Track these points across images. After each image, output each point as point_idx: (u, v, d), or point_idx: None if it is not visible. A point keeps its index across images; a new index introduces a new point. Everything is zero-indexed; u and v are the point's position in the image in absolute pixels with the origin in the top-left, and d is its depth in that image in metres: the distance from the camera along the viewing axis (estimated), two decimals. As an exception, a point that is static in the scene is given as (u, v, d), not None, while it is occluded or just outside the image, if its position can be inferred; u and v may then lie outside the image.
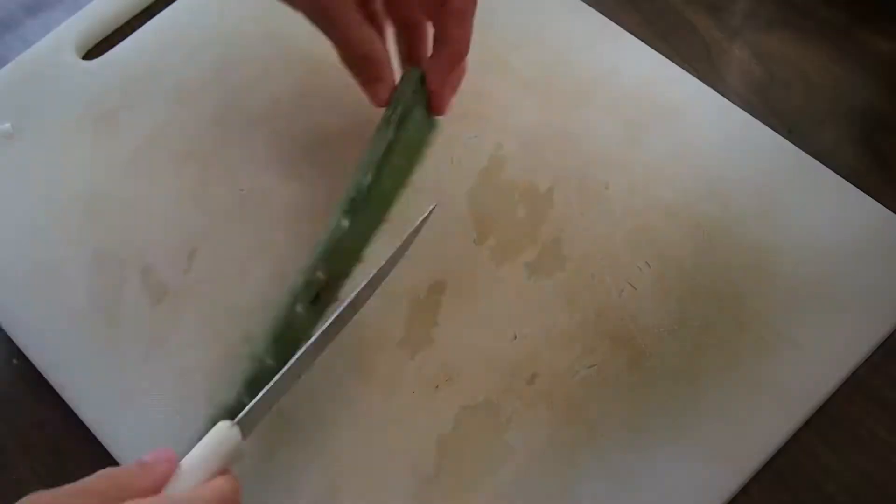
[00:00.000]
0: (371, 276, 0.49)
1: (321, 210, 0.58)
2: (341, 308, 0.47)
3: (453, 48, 0.53)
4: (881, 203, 0.57)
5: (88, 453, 0.54)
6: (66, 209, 0.61)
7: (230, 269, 0.58)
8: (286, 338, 0.48)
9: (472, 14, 0.52)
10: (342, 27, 0.52)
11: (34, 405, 0.57)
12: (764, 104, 0.63)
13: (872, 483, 0.51)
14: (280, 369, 0.44)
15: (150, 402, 0.54)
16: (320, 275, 0.49)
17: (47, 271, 0.59)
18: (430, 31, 0.55)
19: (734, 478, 0.50)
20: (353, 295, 0.48)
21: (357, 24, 0.52)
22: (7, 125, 0.65)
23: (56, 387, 0.56)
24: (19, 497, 0.53)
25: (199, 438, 0.42)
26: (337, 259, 0.50)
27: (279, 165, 0.62)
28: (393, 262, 0.51)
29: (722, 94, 0.62)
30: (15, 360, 0.58)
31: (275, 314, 0.49)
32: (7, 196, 0.62)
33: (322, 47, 0.66)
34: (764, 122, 0.61)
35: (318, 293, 0.49)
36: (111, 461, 0.53)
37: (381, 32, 0.56)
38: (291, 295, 0.49)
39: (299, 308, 0.48)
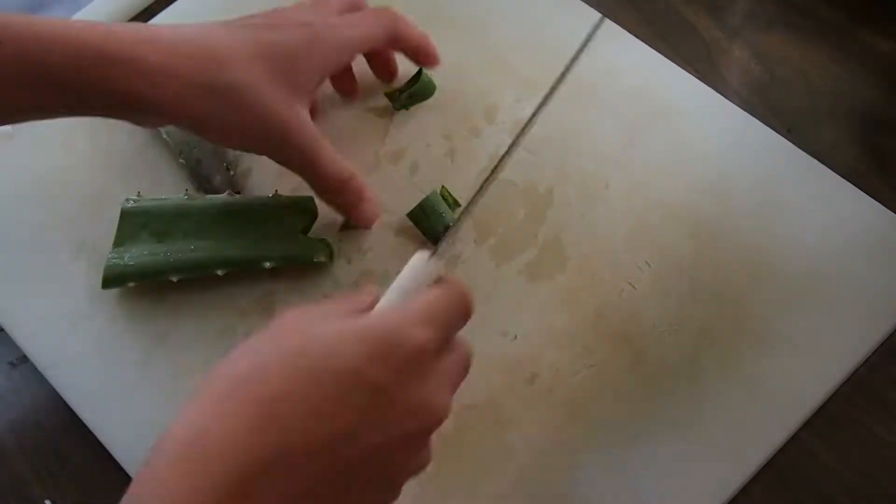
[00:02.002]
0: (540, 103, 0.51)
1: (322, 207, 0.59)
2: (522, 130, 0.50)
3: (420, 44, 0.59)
4: (881, 203, 0.57)
5: (88, 453, 0.54)
6: (67, 209, 0.61)
7: (223, 284, 0.58)
8: None
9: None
10: (321, 163, 0.53)
11: (34, 405, 0.57)
12: (764, 104, 0.63)
13: (872, 483, 0.51)
14: None
15: (150, 402, 0.54)
16: None
17: (47, 271, 0.59)
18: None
19: (734, 478, 0.50)
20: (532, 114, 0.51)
21: (332, 156, 0.53)
22: (7, 125, 0.65)
23: (56, 387, 0.56)
24: (19, 496, 0.54)
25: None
26: None
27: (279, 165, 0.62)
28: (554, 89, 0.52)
29: (722, 94, 0.62)
30: (15, 361, 0.58)
31: None
32: (7, 196, 0.62)
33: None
34: (764, 122, 0.61)
35: None
36: (111, 461, 0.53)
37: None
38: None
39: None
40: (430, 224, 0.57)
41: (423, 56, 0.59)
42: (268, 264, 0.56)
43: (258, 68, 0.48)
